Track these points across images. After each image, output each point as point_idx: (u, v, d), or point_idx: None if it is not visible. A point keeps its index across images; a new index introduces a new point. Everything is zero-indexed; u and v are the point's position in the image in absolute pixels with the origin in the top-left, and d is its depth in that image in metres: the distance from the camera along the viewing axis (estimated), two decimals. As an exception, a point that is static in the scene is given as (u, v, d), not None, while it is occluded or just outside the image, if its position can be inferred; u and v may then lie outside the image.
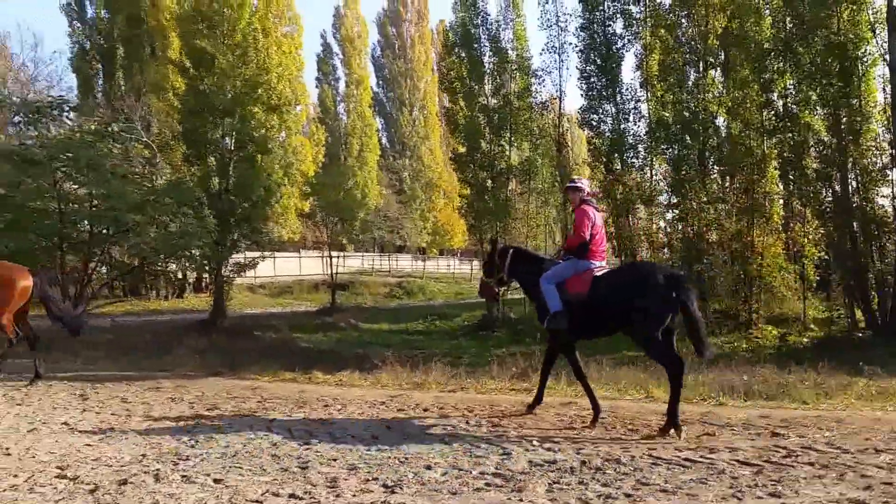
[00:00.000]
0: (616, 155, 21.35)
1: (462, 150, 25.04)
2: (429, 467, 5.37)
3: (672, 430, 6.22)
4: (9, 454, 5.79)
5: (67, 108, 18.07)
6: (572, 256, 7.05)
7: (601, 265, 7.08)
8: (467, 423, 6.97)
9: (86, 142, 16.77)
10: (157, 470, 5.31)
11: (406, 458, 5.62)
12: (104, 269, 20.46)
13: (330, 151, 40.69)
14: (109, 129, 19.11)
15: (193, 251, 18.38)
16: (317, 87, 47.36)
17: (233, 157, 20.00)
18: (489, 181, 24.05)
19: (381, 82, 55.87)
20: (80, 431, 6.69)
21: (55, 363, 12.55)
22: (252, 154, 19.94)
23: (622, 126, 21.41)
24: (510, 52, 24.48)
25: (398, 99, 54.73)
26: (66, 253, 17.47)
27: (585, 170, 25.95)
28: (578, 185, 7.37)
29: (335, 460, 5.60)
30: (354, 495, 4.76)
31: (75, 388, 9.37)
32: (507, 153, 24.30)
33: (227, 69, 19.77)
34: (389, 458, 5.66)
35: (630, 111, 21.52)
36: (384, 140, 54.30)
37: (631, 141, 21.47)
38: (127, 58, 33.67)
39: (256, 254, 22.65)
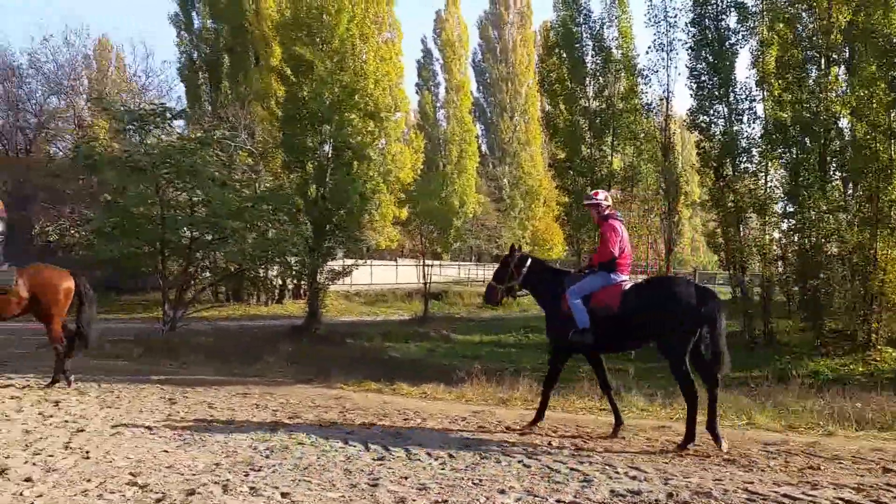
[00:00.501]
0: (727, 159, 20.46)
1: (561, 155, 24.63)
2: (503, 492, 5.16)
3: (689, 445, 6.44)
4: (88, 457, 5.94)
5: (170, 116, 18.89)
6: (595, 270, 7.20)
7: (626, 279, 7.21)
8: (549, 444, 6.71)
9: (187, 149, 17.46)
10: (227, 481, 5.32)
11: (480, 481, 5.42)
12: (206, 274, 21.22)
13: (428, 158, 40.98)
14: (211, 136, 19.85)
15: (289, 258, 18.83)
16: (417, 93, 47.94)
17: (330, 164, 20.41)
18: (589, 188, 23.52)
19: (481, 87, 55.93)
20: (160, 437, 6.83)
21: (154, 365, 13.13)
22: (349, 161, 20.30)
23: (735, 128, 20.50)
24: (614, 50, 23.89)
25: (499, 104, 54.57)
26: (167, 258, 18.22)
27: (694, 175, 25.04)
28: (595, 200, 7.46)
29: (406, 478, 5.47)
30: (424, 517, 4.63)
31: (166, 391, 9.66)
32: (609, 158, 23.73)
33: (325, 76, 20.21)
34: (463, 479, 5.47)
35: (744, 112, 20.58)
36: (483, 146, 54.30)
37: (744, 144, 20.51)
38: (232, 67, 35.03)
39: (352, 261, 23.02)
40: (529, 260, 7.80)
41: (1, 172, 39.62)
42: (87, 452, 6.11)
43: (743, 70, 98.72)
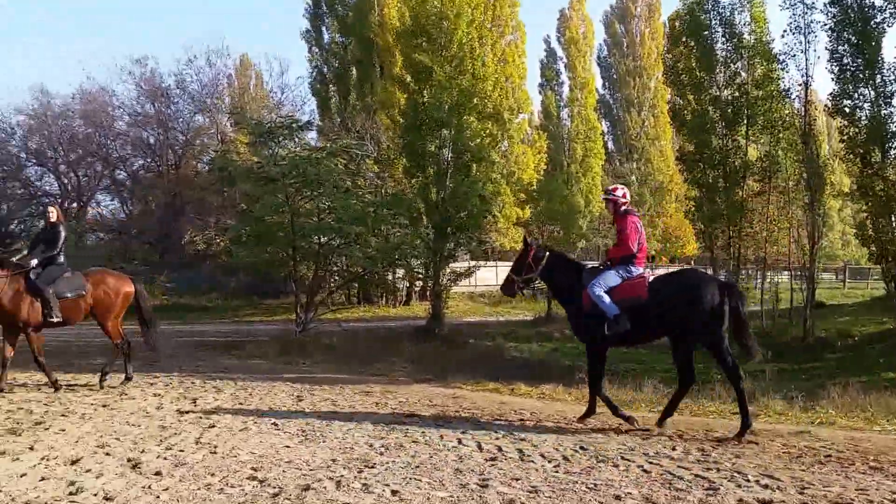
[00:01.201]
0: (875, 145, 18.95)
1: (690, 147, 23.65)
2: (618, 497, 4.93)
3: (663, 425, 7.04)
4: (215, 452, 6.18)
5: (296, 128, 19.63)
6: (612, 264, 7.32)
7: (643, 271, 7.36)
8: (673, 448, 6.37)
9: (314, 159, 18.08)
10: (341, 477, 5.38)
11: (595, 485, 5.20)
12: (336, 278, 21.89)
13: (552, 158, 40.49)
14: (337, 146, 20.48)
15: (411, 260, 19.11)
16: (540, 93, 47.42)
17: (449, 167, 20.56)
18: (721, 181, 22.43)
19: (606, 83, 54.63)
20: (284, 432, 7.03)
21: (287, 364, 13.67)
22: (468, 164, 20.37)
23: (882, 112, 18.94)
24: (746, 36, 22.67)
25: (625, 99, 53.10)
26: (299, 263, 18.94)
27: (837, 164, 23.36)
28: (613, 195, 7.52)
29: (517, 480, 5.34)
30: (529, 522, 4.49)
31: (295, 389, 10.00)
32: (744, 149, 22.53)
33: (444, 81, 20.39)
34: (576, 483, 5.27)
35: (892, 94, 18.97)
36: (610, 144, 53.06)
37: (893, 129, 18.93)
38: (359, 79, 36.05)
39: (475, 262, 23.12)
40: (548, 254, 7.82)
41: (154, 187, 42.71)
42: (215, 447, 6.35)
43: (890, 50, 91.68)
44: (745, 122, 22.23)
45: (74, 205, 44.26)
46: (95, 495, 4.94)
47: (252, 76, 44.09)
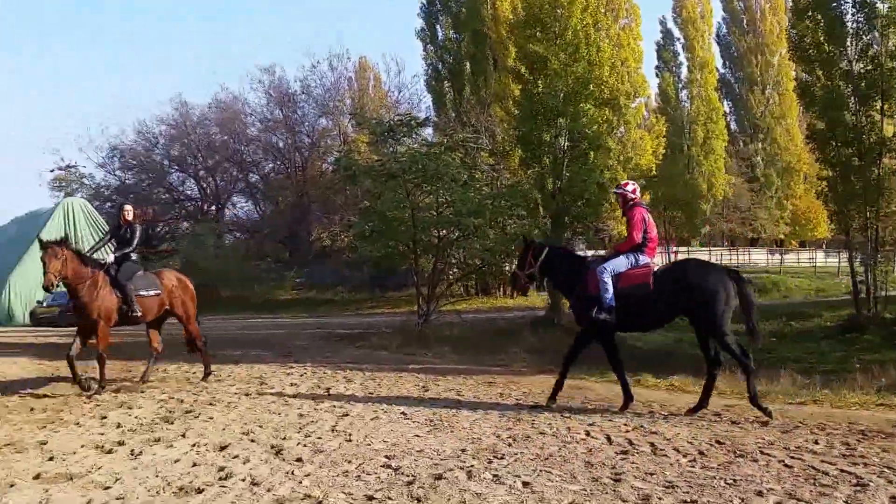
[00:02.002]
0: None
1: (820, 125, 22.18)
2: (760, 493, 4.65)
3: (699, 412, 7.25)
4: (350, 440, 6.34)
5: (415, 125, 19.88)
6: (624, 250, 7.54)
7: (651, 261, 7.55)
8: (816, 442, 5.99)
9: (432, 154, 18.27)
10: (472, 467, 5.37)
11: (734, 481, 4.95)
12: (455, 270, 22.05)
13: (671, 142, 39.19)
14: (454, 140, 20.60)
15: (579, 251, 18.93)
16: (657, 76, 45.99)
17: (566, 156, 20.20)
18: (855, 159, 20.90)
19: (727, 62, 52.09)
20: (413, 422, 7.13)
21: (410, 355, 13.90)
22: (585, 151, 19.92)
23: None
24: (879, 4, 21.00)
25: (747, 78, 50.42)
26: (419, 256, 19.22)
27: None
28: (623, 190, 7.84)
29: (652, 475, 5.15)
30: (667, 518, 4.33)
31: (420, 379, 10.15)
32: (879, 124, 20.92)
33: (559, 69, 20.04)
34: (714, 478, 5.03)
35: None
36: (732, 124, 50.73)
37: None
38: (473, 73, 36.15)
39: (592, 252, 22.66)
40: (546, 250, 8.15)
41: (284, 188, 44.55)
42: (350, 435, 6.51)
43: None
44: (880, 96, 20.59)
45: (213, 207, 46.86)
46: (243, 480, 5.14)
47: (370, 77, 45.09)
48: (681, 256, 31.74)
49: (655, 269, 7.48)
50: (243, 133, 45.48)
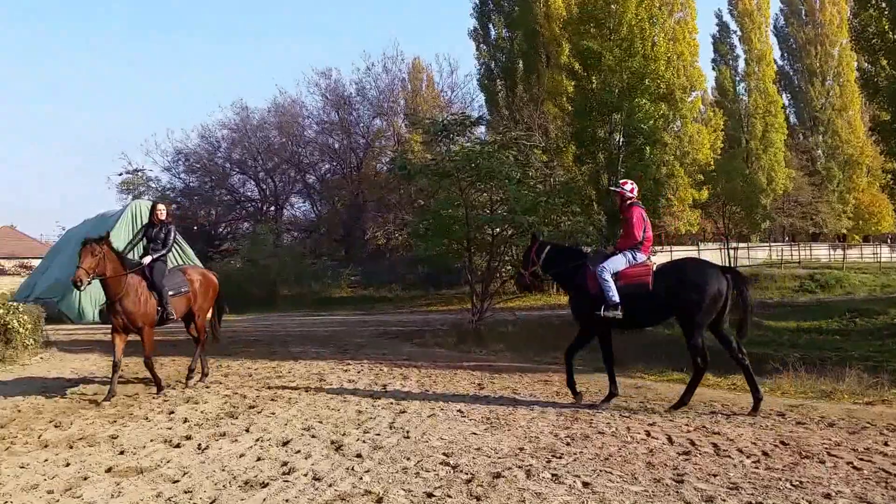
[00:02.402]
0: None
1: (885, 116, 21.38)
2: (828, 496, 4.51)
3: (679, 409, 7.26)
4: (408, 437, 6.36)
5: (469, 124, 19.81)
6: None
7: (648, 259, 7.65)
8: (886, 444, 5.77)
9: (486, 152, 18.18)
10: (530, 466, 5.32)
11: (801, 483, 4.80)
12: (509, 268, 21.90)
13: (729, 136, 38.31)
14: (507, 138, 20.45)
15: (584, 248, 18.68)
16: (713, 69, 44.98)
17: (621, 152, 19.91)
18: (922, 151, 20.11)
19: (785, 54, 50.65)
20: (470, 419, 7.10)
21: (465, 352, 13.86)
22: (640, 147, 19.60)
23: None
24: (946, -10, 20.09)
25: (807, 70, 48.92)
26: (473, 254, 19.16)
27: None
28: (621, 189, 7.92)
29: (715, 476, 5.02)
30: (731, 520, 4.20)
31: (475, 377, 10.10)
32: (947, 115, 20.03)
33: (613, 64, 19.78)
34: (780, 479, 4.88)
35: None
36: (791, 117, 49.30)
37: None
38: (526, 71, 35.93)
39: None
40: (548, 247, 8.30)
41: (340, 189, 45.05)
42: (408, 432, 6.53)
43: None
44: (949, 85, 19.71)
45: (272, 208, 47.70)
46: (306, 475, 5.21)
47: (424, 78, 45.24)
48: (741, 253, 30.91)
49: (654, 267, 7.57)
50: (301, 135, 46.17)
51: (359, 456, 5.70)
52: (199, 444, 6.21)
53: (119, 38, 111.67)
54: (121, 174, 46.67)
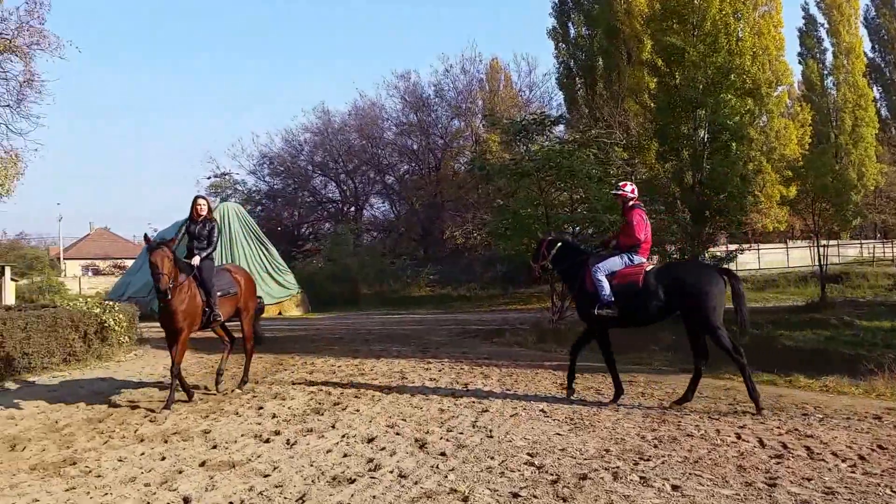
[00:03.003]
0: None
1: None
2: (934, 504, 4.24)
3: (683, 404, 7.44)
4: (491, 436, 6.31)
5: (549, 124, 19.64)
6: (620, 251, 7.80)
7: (645, 261, 7.82)
8: None
9: (566, 151, 17.99)
10: (617, 468, 5.21)
11: (901, 489, 4.54)
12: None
13: (817, 130, 36.75)
14: (588, 136, 20.18)
15: (667, 246, 18.27)
16: (800, 63, 43.23)
17: (706, 148, 19.29)
18: None
19: (876, 46, 48.16)
20: (553, 419, 7.00)
21: (546, 351, 13.70)
22: (726, 143, 18.92)
23: None
24: None
25: (899, 61, 46.53)
26: (554, 253, 18.95)
27: None
28: (623, 191, 8.07)
29: (809, 480, 4.82)
30: (830, 528, 4.00)
31: (557, 376, 9.93)
32: None
33: (697, 60, 19.18)
34: (878, 485, 4.65)
35: None
36: (883, 110, 46.86)
37: None
38: (606, 69, 35.34)
39: (735, 246, 21.50)
40: (559, 244, 8.55)
41: (418, 189, 45.41)
42: (491, 431, 6.48)
43: None
44: None
45: (352, 209, 48.52)
46: (391, 472, 5.24)
47: (501, 78, 45.04)
48: (831, 251, 29.55)
49: (648, 268, 7.69)
50: (380, 137, 46.75)
51: (443, 454, 5.70)
52: (288, 440, 6.33)
53: (209, 48, 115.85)
54: (209, 178, 48.27)
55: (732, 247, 21.76)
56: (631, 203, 7.98)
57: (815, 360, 11.21)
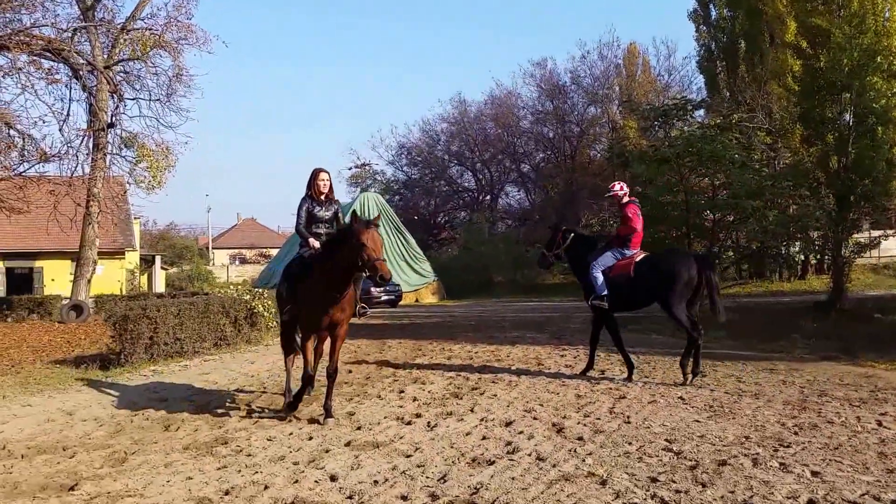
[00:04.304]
0: None
1: None
2: None
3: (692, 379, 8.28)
4: (628, 422, 6.38)
5: (690, 108, 19.08)
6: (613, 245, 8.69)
7: (636, 252, 8.60)
8: None
9: (708, 136, 17.43)
10: (757, 454, 5.20)
11: None
12: (730, 254, 20.85)
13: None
14: (730, 121, 19.45)
15: (811, 232, 17.35)
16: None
17: (851, 132, 18.08)
18: None
19: None
20: (692, 407, 6.99)
21: (684, 339, 13.36)
22: (871, 127, 17.65)
23: None
24: None
25: None
26: (693, 240, 18.47)
27: None
28: (613, 192, 8.86)
29: (957, 471, 4.65)
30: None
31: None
32: None
33: (843, 42, 17.97)
34: None
35: None
36: None
37: None
38: (748, 51, 33.58)
39: (879, 232, 20.02)
40: (572, 234, 9.29)
41: (553, 177, 45.18)
42: (628, 417, 6.56)
43: None
44: None
45: (488, 197, 48.99)
46: (529, 455, 5.37)
47: (639, 63, 43.71)
48: None
49: (638, 258, 8.47)
50: (516, 126, 46.81)
51: (580, 439, 5.78)
52: (429, 422, 6.53)
53: (349, 41, 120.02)
54: (350, 168, 50.27)
55: (876, 233, 20.25)
56: (624, 199, 8.77)
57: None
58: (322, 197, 7.12)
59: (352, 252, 6.11)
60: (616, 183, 9.08)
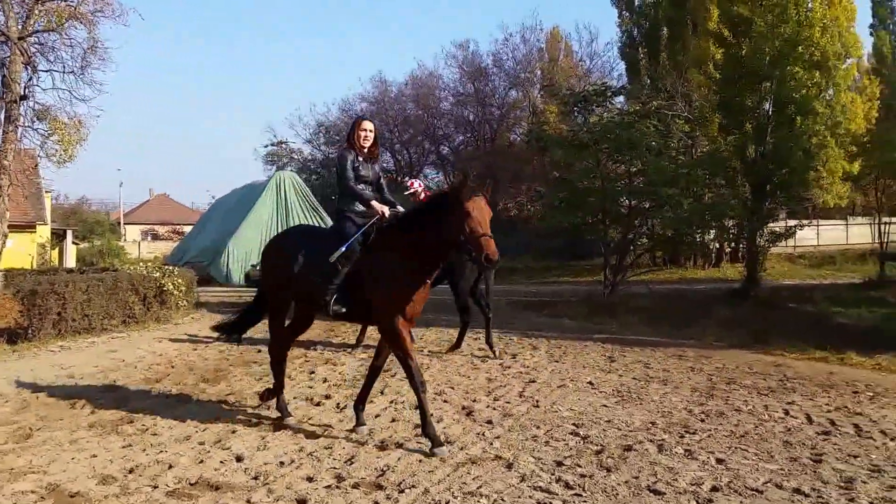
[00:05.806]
0: None
1: None
2: None
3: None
4: (537, 406, 6.39)
5: (610, 94, 19.31)
6: None
7: None
8: None
9: (625, 123, 17.66)
10: (662, 441, 5.25)
11: (954, 469, 4.48)
12: (644, 240, 21.29)
13: (886, 105, 35.12)
14: (649, 108, 19.78)
15: (726, 221, 17.88)
16: (871, 34, 41.31)
17: (770, 121, 18.69)
18: None
19: (954, 18, 45.71)
20: (600, 392, 7.05)
21: (596, 324, 13.65)
22: (791, 117, 18.29)
23: None
24: None
25: (984, 31, 43.97)
26: (608, 226, 18.77)
27: None
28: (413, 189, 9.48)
29: (856, 457, 4.81)
30: (872, 502, 3.98)
31: (606, 349, 9.96)
32: None
33: (765, 31, 18.51)
34: (928, 465, 4.58)
35: None
36: (964, 84, 44.54)
37: None
38: (670, 38, 34.32)
39: (794, 222, 20.87)
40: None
41: (473, 160, 45.24)
42: (537, 402, 6.57)
43: None
44: None
45: (407, 178, 48.73)
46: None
47: (561, 48, 44.05)
48: (893, 228, 28.51)
49: None
50: (437, 107, 46.56)
51: (489, 422, 5.80)
52: (338, 404, 6.52)
53: (268, 18, 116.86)
54: (266, 146, 48.96)
55: (792, 222, 21.12)
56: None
57: (870, 338, 10.92)
58: (365, 151, 5.90)
59: (452, 224, 4.98)
60: (414, 181, 9.53)
